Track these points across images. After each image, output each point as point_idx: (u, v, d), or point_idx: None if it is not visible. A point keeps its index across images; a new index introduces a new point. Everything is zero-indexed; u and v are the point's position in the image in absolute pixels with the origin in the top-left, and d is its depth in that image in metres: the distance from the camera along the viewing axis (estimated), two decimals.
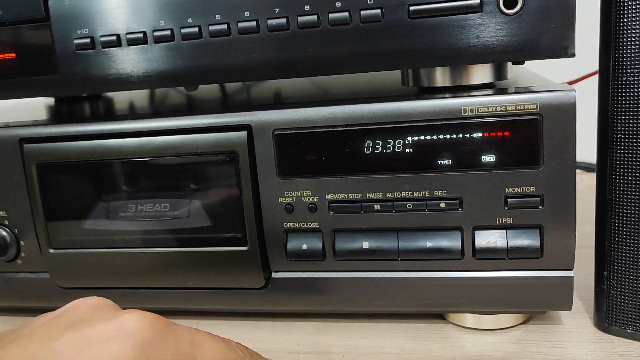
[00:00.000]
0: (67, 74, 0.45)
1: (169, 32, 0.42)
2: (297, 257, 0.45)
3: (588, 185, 0.48)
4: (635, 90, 0.38)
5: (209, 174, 0.45)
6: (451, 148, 0.40)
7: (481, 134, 0.40)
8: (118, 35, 0.43)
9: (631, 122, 0.39)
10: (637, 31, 0.37)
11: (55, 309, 0.31)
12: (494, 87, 0.43)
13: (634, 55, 0.38)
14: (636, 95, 0.38)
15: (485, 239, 0.41)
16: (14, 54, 0.45)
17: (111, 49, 0.43)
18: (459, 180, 0.41)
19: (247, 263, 0.45)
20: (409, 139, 0.41)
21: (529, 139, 0.39)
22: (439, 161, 0.41)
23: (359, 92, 0.52)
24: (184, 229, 0.46)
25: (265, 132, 0.43)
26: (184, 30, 0.42)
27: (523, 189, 0.40)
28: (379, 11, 0.39)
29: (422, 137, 0.41)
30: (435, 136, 0.40)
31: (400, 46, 0.39)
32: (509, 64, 0.43)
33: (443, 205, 0.41)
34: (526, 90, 0.39)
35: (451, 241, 0.42)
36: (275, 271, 0.46)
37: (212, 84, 0.67)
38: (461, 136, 0.40)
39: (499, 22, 0.38)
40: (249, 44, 0.41)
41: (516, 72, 0.52)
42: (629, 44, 0.38)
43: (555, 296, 0.42)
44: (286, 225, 0.44)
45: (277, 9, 0.40)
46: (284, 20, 0.40)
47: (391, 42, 0.39)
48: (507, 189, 0.40)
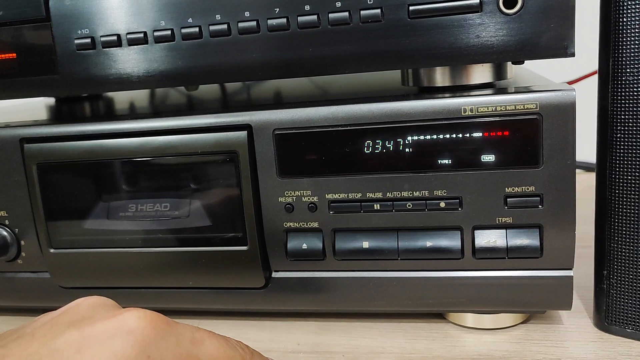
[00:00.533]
0: (67, 74, 0.45)
1: (169, 32, 0.42)
2: (297, 257, 0.45)
3: (588, 185, 0.48)
4: (635, 90, 0.38)
5: (209, 174, 0.45)
6: (451, 148, 0.40)
7: (481, 134, 0.40)
8: (118, 35, 0.43)
9: (631, 122, 0.39)
10: (637, 31, 0.37)
11: (56, 309, 0.31)
12: (493, 87, 0.43)
13: (633, 54, 0.38)
14: (636, 94, 0.38)
15: (485, 238, 0.42)
16: (14, 54, 0.45)
17: (112, 49, 0.43)
18: (458, 180, 0.41)
19: (247, 263, 0.45)
20: (409, 138, 0.41)
21: (528, 138, 0.39)
22: (439, 161, 0.41)
23: (358, 92, 0.52)
24: (184, 228, 0.46)
25: (265, 131, 0.43)
26: (184, 30, 0.42)
27: (523, 188, 0.40)
28: (378, 11, 0.39)
29: (422, 137, 0.41)
30: (435, 136, 0.40)
31: (400, 46, 0.39)
32: (509, 63, 0.43)
33: (443, 204, 0.42)
34: (526, 90, 0.39)
35: (451, 241, 0.42)
36: (275, 271, 0.46)
37: (213, 84, 0.67)
38: (461, 136, 0.40)
39: (498, 21, 0.38)
40: (249, 43, 0.41)
41: (516, 71, 0.52)
42: (628, 43, 0.38)
43: (555, 296, 0.42)
44: (286, 224, 0.44)
45: (277, 9, 0.40)
46: (284, 20, 0.40)
47: (391, 42, 0.39)
48: (506, 188, 0.40)
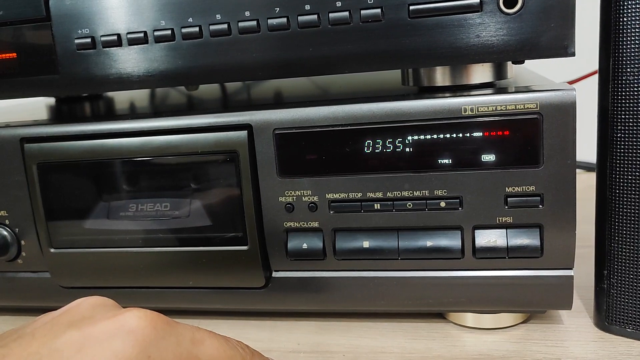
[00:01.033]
0: (67, 73, 0.45)
1: (169, 31, 0.42)
2: (297, 257, 0.45)
3: (588, 185, 0.48)
4: (635, 90, 0.38)
5: (209, 174, 0.45)
6: (451, 147, 0.40)
7: (481, 134, 0.40)
8: (119, 35, 0.43)
9: (631, 122, 0.39)
10: (637, 30, 0.37)
11: (56, 309, 0.31)
12: (494, 87, 0.43)
13: (633, 54, 0.38)
14: (636, 94, 0.38)
15: (486, 238, 0.42)
16: (14, 54, 0.45)
17: (112, 48, 0.43)
18: (459, 180, 0.41)
19: (248, 262, 0.45)
20: (409, 138, 0.41)
21: (529, 138, 0.39)
22: (439, 160, 0.41)
23: (359, 91, 0.52)
24: (184, 228, 0.46)
25: (265, 131, 0.43)
26: (184, 30, 0.42)
27: (523, 188, 0.40)
28: (379, 11, 0.39)
29: (422, 137, 0.41)
30: (435, 135, 0.40)
31: (400, 46, 0.39)
32: (509, 63, 0.43)
33: (443, 204, 0.42)
34: (526, 90, 0.39)
35: (451, 240, 0.42)
36: (275, 270, 0.46)
37: (213, 84, 0.67)
38: (461, 135, 0.40)
39: (499, 21, 0.38)
40: (249, 43, 0.41)
41: (516, 71, 0.52)
42: (628, 43, 0.38)
43: (556, 295, 0.42)
44: (286, 224, 0.44)
45: (278, 8, 0.40)
46: (284, 19, 0.40)
47: (391, 41, 0.39)
48: (507, 188, 0.40)
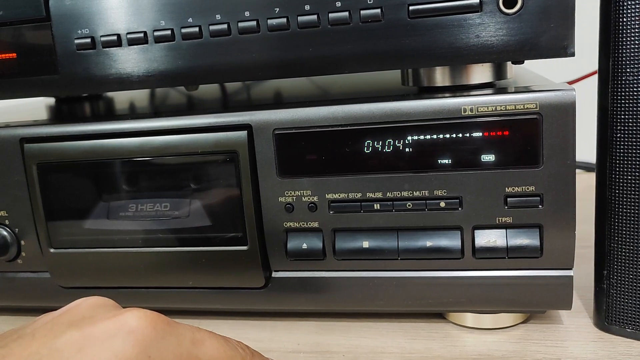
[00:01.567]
0: (67, 73, 0.45)
1: (169, 32, 0.42)
2: (297, 257, 0.45)
3: (588, 185, 0.48)
4: (635, 90, 0.38)
5: (209, 174, 0.45)
6: (451, 147, 0.40)
7: (481, 134, 0.40)
8: (118, 35, 0.43)
9: (631, 122, 0.39)
10: (636, 31, 0.37)
11: (56, 309, 0.31)
12: (493, 87, 0.43)
13: (633, 54, 0.38)
14: (636, 94, 0.38)
15: (485, 238, 0.42)
16: (14, 54, 0.45)
17: (112, 48, 0.43)
18: (458, 180, 0.41)
19: (247, 263, 0.45)
20: (409, 138, 0.41)
21: (528, 138, 0.39)
22: (439, 161, 0.41)
23: (359, 92, 0.52)
24: (184, 228, 0.46)
25: (265, 131, 0.43)
26: (184, 30, 0.42)
27: (523, 188, 0.40)
28: (378, 11, 0.39)
29: (422, 137, 0.41)
30: (435, 136, 0.40)
31: (400, 46, 0.39)
32: (509, 63, 0.43)
33: (443, 204, 0.42)
34: (526, 90, 0.39)
35: (451, 240, 0.42)
36: (275, 271, 0.46)
37: (213, 84, 0.67)
38: (461, 136, 0.40)
39: (498, 21, 0.38)
40: (249, 43, 0.41)
41: (516, 71, 0.52)
42: (628, 43, 0.38)
43: (555, 295, 0.42)
44: (286, 224, 0.44)
45: (277, 8, 0.40)
46: (284, 20, 0.40)
47: (391, 41, 0.39)
48: (506, 188, 0.40)
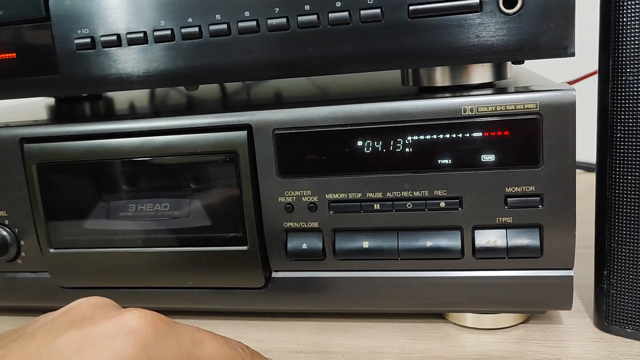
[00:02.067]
0: (67, 73, 0.45)
1: (169, 31, 0.42)
2: (297, 257, 0.45)
3: (588, 185, 0.48)
4: (635, 90, 0.38)
5: (209, 174, 0.45)
6: (451, 147, 0.40)
7: (481, 134, 0.40)
8: (118, 35, 0.43)
9: (631, 122, 0.39)
10: (636, 31, 0.37)
11: (56, 309, 0.31)
12: (493, 87, 0.43)
13: (633, 54, 0.38)
14: (636, 94, 0.38)
15: (485, 238, 0.42)
16: (14, 54, 0.45)
17: (111, 48, 0.43)
18: (458, 180, 0.41)
19: (247, 263, 0.45)
20: (409, 138, 0.41)
21: (528, 138, 0.39)
22: (439, 161, 0.41)
23: (359, 92, 0.52)
24: (184, 228, 0.46)
25: (265, 131, 0.43)
26: (184, 30, 0.42)
27: (523, 188, 0.40)
28: (378, 11, 0.39)
29: (422, 137, 0.41)
30: (435, 136, 0.40)
31: (400, 46, 0.39)
32: (509, 63, 0.43)
33: (443, 204, 0.42)
34: (526, 90, 0.39)
35: (451, 240, 0.42)
36: (275, 271, 0.46)
37: (212, 84, 0.67)
38: (461, 136, 0.40)
39: (498, 21, 0.38)
40: (249, 43, 0.41)
41: (516, 71, 0.52)
42: (628, 43, 0.38)
43: (555, 295, 0.42)
44: (286, 224, 0.44)
45: (277, 8, 0.40)
46: (284, 20, 0.40)
47: (391, 41, 0.39)
48: (506, 188, 0.40)
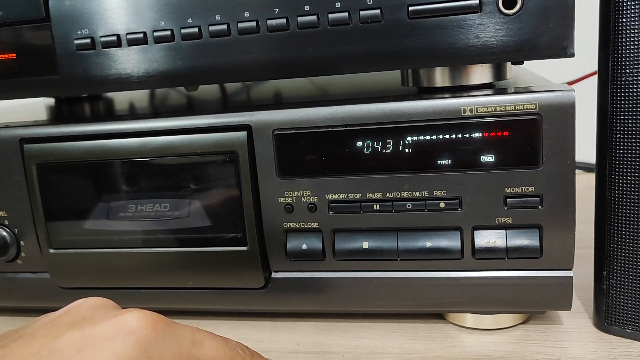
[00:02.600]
0: (67, 74, 0.45)
1: (169, 32, 0.42)
2: (297, 257, 0.45)
3: (587, 185, 0.48)
4: (634, 90, 0.38)
5: (209, 174, 0.45)
6: (451, 148, 0.40)
7: (481, 134, 0.40)
8: (118, 36, 0.43)
9: (630, 122, 0.39)
10: (636, 31, 0.37)
11: (56, 309, 0.31)
12: (493, 87, 0.43)
13: (632, 55, 0.38)
14: (635, 95, 0.38)
15: (485, 238, 0.42)
16: (14, 54, 0.45)
17: (111, 49, 0.43)
18: (458, 180, 0.41)
19: (247, 263, 0.45)
20: (409, 139, 0.41)
21: (528, 138, 0.39)
22: (439, 161, 0.41)
23: (358, 92, 0.52)
24: (184, 229, 0.46)
25: (265, 132, 0.43)
26: (184, 31, 0.42)
27: (522, 188, 0.40)
28: (378, 11, 0.39)
29: (422, 137, 0.41)
30: (434, 136, 0.40)
31: (400, 46, 0.39)
32: (509, 64, 0.43)
33: (442, 205, 0.42)
34: (525, 91, 0.39)
35: (451, 241, 0.42)
36: (275, 271, 0.46)
37: (212, 84, 0.67)
38: (461, 136, 0.40)
39: (498, 22, 0.38)
40: (249, 44, 0.41)
41: (515, 72, 0.52)
42: (628, 44, 0.38)
43: (555, 296, 0.42)
44: (286, 225, 0.44)
45: (277, 9, 0.40)
46: (284, 20, 0.40)
47: (391, 42, 0.39)
48: (506, 188, 0.40)
